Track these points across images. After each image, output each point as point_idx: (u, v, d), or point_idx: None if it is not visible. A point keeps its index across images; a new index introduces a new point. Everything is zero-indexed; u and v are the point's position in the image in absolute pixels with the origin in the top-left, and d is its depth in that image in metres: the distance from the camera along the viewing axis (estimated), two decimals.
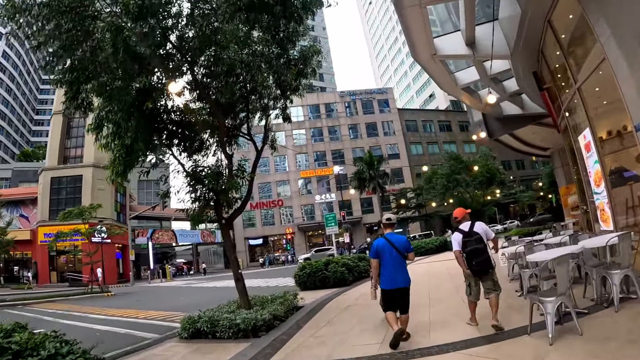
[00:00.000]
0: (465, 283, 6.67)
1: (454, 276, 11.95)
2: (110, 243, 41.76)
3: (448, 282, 12.02)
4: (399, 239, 6.31)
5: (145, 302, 20.35)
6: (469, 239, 6.34)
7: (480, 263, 6.23)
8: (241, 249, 57.79)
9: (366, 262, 17.14)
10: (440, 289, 11.20)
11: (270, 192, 60.43)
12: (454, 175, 34.20)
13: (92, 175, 44.07)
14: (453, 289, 10.44)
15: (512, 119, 18.23)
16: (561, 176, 26.30)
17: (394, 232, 6.46)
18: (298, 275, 15.18)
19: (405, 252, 6.20)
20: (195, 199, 9.50)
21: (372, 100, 66.15)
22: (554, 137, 22.77)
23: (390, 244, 6.15)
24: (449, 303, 9.01)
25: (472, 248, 6.26)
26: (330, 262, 15.02)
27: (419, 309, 8.20)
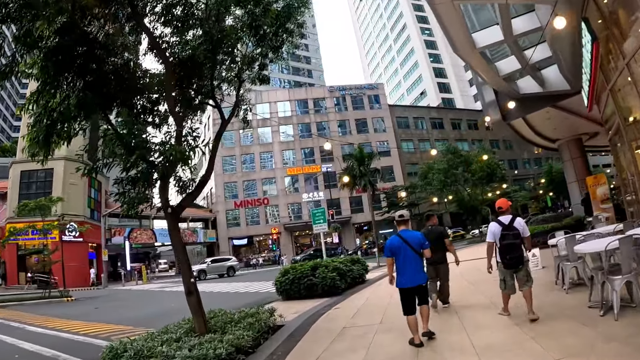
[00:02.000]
0: (500, 277, 6.56)
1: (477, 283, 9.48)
2: (83, 242, 38.83)
3: (474, 291, 9.56)
4: (413, 235, 6.07)
5: (104, 311, 17.86)
6: (507, 232, 6.26)
7: (513, 258, 6.24)
8: (225, 250, 55.35)
9: (360, 266, 14.60)
10: (471, 302, 8.59)
11: (256, 190, 57.68)
12: (452, 170, 31.65)
13: (64, 168, 40.79)
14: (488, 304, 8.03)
15: (529, 100, 15.95)
16: (570, 170, 24.54)
17: (408, 229, 6.19)
18: (279, 281, 12.58)
19: (420, 249, 5.96)
20: (131, 179, 6.79)
21: (363, 96, 63.80)
22: (568, 125, 20.81)
23: (404, 242, 5.93)
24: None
25: (509, 242, 6.23)
26: (319, 265, 12.41)
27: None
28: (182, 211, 7.71)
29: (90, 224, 40.55)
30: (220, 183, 57.11)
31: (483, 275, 8.27)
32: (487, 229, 6.76)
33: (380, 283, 13.74)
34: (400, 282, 5.88)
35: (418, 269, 5.90)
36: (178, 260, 7.66)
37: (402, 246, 5.90)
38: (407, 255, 5.87)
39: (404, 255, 5.88)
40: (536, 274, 8.88)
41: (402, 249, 5.90)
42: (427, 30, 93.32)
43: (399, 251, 5.91)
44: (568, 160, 24.67)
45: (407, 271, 5.83)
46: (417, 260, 5.90)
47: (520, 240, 6.25)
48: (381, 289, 12.18)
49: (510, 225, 6.26)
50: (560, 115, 18.49)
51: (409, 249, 5.87)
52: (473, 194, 33.19)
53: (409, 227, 6.23)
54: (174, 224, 7.47)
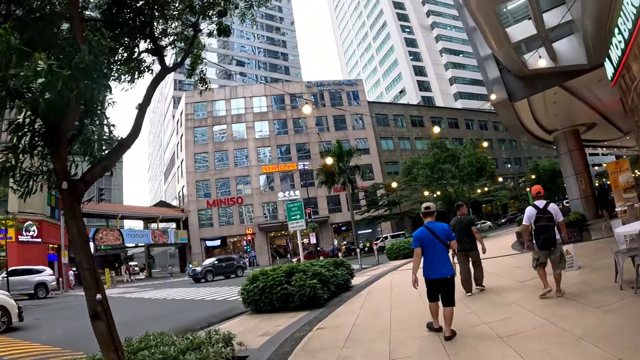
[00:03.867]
0: (534, 257, 7.06)
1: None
2: (42, 243, 35.48)
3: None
4: (440, 227, 6.00)
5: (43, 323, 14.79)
6: (541, 215, 6.77)
7: (547, 239, 6.75)
8: (197, 251, 52.23)
9: (345, 270, 12.20)
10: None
11: (229, 188, 54.72)
12: (438, 164, 29.45)
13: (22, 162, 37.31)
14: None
15: (538, 77, 13.80)
16: (567, 163, 23.00)
17: (434, 220, 6.10)
18: (246, 290, 10.08)
19: (447, 241, 5.95)
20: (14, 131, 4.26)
21: (341, 92, 61.60)
22: (568, 113, 19.10)
23: (431, 233, 5.88)
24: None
25: (543, 224, 6.76)
26: (295, 270, 9.93)
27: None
28: (86, 187, 5.14)
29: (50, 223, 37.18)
30: (192, 181, 54.10)
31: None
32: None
33: (370, 290, 11.41)
34: (426, 273, 5.90)
35: (444, 261, 5.85)
36: (79, 266, 5.07)
37: (430, 237, 5.87)
38: (435, 247, 5.85)
39: (431, 246, 5.85)
40: (577, 277, 8.04)
41: (429, 241, 5.86)
42: (407, 28, 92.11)
43: (427, 242, 5.86)
44: (565, 153, 23.01)
45: (434, 262, 5.82)
46: (443, 252, 5.89)
47: (553, 223, 6.77)
48: (375, 298, 9.95)
49: (544, 209, 6.80)
50: (566, 100, 16.62)
51: (437, 240, 5.86)
52: (460, 190, 31.13)
53: (434, 219, 6.12)
54: (72, 206, 4.90)
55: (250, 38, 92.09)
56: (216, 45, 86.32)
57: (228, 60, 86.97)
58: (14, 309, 11.74)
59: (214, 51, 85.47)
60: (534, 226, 6.83)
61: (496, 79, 14.44)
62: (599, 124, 23.98)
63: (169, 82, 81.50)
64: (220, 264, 31.42)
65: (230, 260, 33.31)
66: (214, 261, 31.93)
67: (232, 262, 32.64)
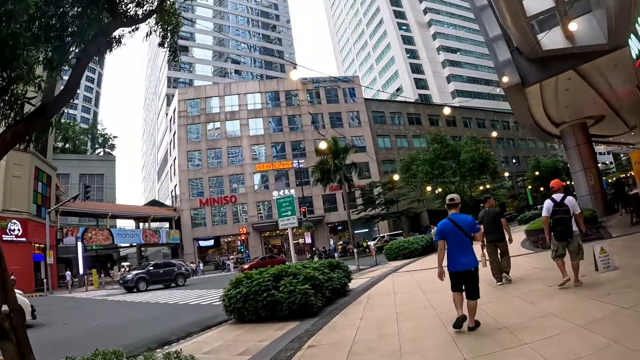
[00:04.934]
0: (552, 248, 7.33)
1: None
2: (27, 242, 34.02)
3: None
4: (463, 219, 5.88)
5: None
6: (558, 208, 7.05)
7: (562, 231, 7.03)
8: (190, 251, 50.92)
9: (341, 272, 10.93)
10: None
11: (223, 187, 53.30)
12: (439, 160, 28.11)
13: (7, 158, 35.79)
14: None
15: (553, 60, 12.60)
16: (575, 158, 22.03)
17: (458, 212, 6.01)
18: (228, 296, 8.77)
19: (471, 233, 5.79)
20: None
21: (337, 88, 60.27)
22: (578, 104, 18.08)
23: (455, 225, 5.78)
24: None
25: (559, 217, 7.03)
26: (284, 273, 8.64)
27: None
28: (26, 133, 3.89)
29: (36, 222, 35.73)
30: (185, 180, 52.72)
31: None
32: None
33: (371, 295, 10.09)
34: (450, 265, 5.79)
35: (468, 253, 5.72)
36: None
37: (453, 229, 5.79)
38: (458, 239, 5.76)
39: (454, 239, 5.77)
40: (619, 279, 6.95)
41: (452, 233, 5.78)
42: (404, 25, 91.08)
43: (450, 234, 5.79)
44: (573, 147, 21.93)
45: (457, 255, 5.73)
46: (467, 244, 5.76)
47: (569, 216, 6.99)
48: (377, 306, 8.63)
49: (561, 202, 7.05)
50: (578, 87, 15.49)
51: (460, 232, 5.75)
52: (461, 187, 29.87)
53: (458, 211, 6.06)
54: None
55: (246, 35, 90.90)
56: (211, 43, 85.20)
57: (224, 58, 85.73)
58: (27, 307, 11.70)
59: (209, 48, 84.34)
60: (551, 218, 7.17)
61: (507, 61, 13.22)
62: (607, 117, 22.93)
63: (162, 80, 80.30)
64: (157, 271, 27.24)
65: (169, 266, 29.04)
66: (148, 267, 27.82)
67: (172, 268, 28.58)
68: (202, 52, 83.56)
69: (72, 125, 73.35)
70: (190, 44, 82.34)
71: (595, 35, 11.93)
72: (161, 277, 27.23)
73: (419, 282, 10.85)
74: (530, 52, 12.50)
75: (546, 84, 14.20)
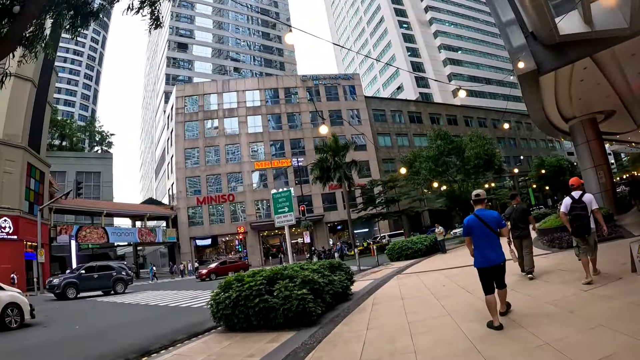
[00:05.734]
0: (574, 244, 7.56)
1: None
2: (18, 240, 33.10)
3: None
4: (489, 214, 5.87)
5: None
6: (576, 205, 7.24)
7: (579, 226, 7.18)
8: (186, 251, 49.92)
9: (343, 274, 10.01)
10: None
11: (220, 185, 52.32)
12: (443, 157, 27.08)
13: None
14: None
15: (570, 46, 11.71)
16: (585, 154, 21.23)
17: (484, 208, 6.02)
18: (216, 301, 7.79)
19: (497, 228, 5.75)
20: None
21: (337, 86, 59.36)
22: (589, 98, 17.21)
23: (480, 221, 5.76)
24: None
25: (577, 213, 7.20)
26: (280, 276, 7.70)
27: None
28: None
29: (28, 220, 34.81)
30: (182, 177, 51.78)
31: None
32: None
33: (376, 300, 9.11)
34: (477, 262, 5.76)
35: (495, 248, 5.68)
36: None
37: (479, 225, 5.74)
38: (484, 235, 5.71)
39: (481, 234, 5.72)
40: None
41: (478, 228, 5.74)
42: (405, 23, 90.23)
43: (476, 230, 5.75)
44: (583, 143, 21.08)
45: (484, 251, 5.69)
46: (493, 240, 5.71)
47: (587, 212, 7.14)
48: (384, 313, 7.65)
49: (579, 199, 7.26)
50: (593, 78, 14.68)
51: (486, 228, 5.70)
52: (465, 186, 28.85)
53: (484, 207, 6.03)
54: None
55: (245, 33, 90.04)
56: (211, 40, 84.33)
57: (223, 56, 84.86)
58: (26, 306, 11.81)
59: (208, 45, 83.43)
60: (569, 215, 7.35)
61: (521, 47, 12.30)
62: (617, 112, 22.11)
63: (161, 77, 79.47)
64: (90, 275, 23.05)
65: (106, 270, 24.34)
66: (80, 271, 23.39)
67: (110, 272, 24.19)
68: (202, 50, 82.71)
69: (69, 122, 72.39)
70: (189, 41, 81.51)
71: (615, 19, 11.08)
72: (96, 282, 23.43)
73: (428, 285, 9.91)
74: (547, 36, 11.60)
75: (561, 73, 13.32)
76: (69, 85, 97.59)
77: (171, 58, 78.22)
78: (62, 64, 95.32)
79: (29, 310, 11.83)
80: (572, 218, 7.27)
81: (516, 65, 11.81)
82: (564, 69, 13.10)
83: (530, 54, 12.05)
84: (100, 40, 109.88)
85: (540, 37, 11.90)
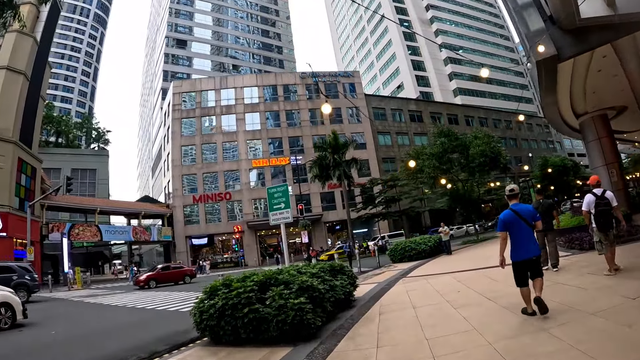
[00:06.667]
0: (595, 240, 7.77)
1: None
2: (7, 237, 32.11)
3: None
4: (525, 208, 5.97)
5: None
6: (600, 201, 7.49)
7: (605, 222, 7.46)
8: (182, 250, 48.84)
9: (345, 278, 8.97)
10: None
11: (217, 183, 51.25)
12: (447, 155, 25.94)
13: None
14: None
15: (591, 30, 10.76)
16: (596, 152, 20.28)
17: (519, 202, 6.08)
18: (200, 309, 6.72)
19: (533, 222, 5.86)
20: None
21: (337, 83, 58.34)
22: (608, 89, 16.32)
23: (517, 215, 5.86)
24: None
25: (602, 209, 7.46)
26: (274, 281, 6.66)
27: None
28: None
29: (18, 216, 33.80)
30: (178, 175, 50.71)
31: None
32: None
33: (383, 308, 8.02)
34: (514, 255, 5.84)
35: (531, 241, 5.84)
36: None
37: (516, 220, 5.83)
38: (521, 228, 5.80)
39: (517, 228, 5.81)
40: None
41: (516, 223, 5.83)
42: (406, 22, 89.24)
43: (514, 225, 5.84)
44: (594, 140, 20.13)
45: (521, 244, 5.78)
46: (529, 233, 5.84)
47: (610, 208, 7.47)
48: (396, 325, 6.57)
49: (602, 196, 7.51)
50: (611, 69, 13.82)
51: (522, 222, 5.80)
52: (469, 185, 27.74)
53: (518, 201, 6.10)
54: None
55: (244, 30, 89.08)
56: (210, 37, 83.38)
57: (223, 53, 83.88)
58: (18, 306, 11.58)
59: (207, 42, 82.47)
60: (593, 211, 7.58)
61: (540, 31, 11.28)
62: (629, 108, 21.19)
63: (158, 74, 78.41)
64: None
65: (4, 271, 19.79)
66: None
67: (10, 275, 19.63)
68: (201, 47, 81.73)
69: (65, 118, 71.29)
70: (188, 38, 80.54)
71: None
72: None
73: (440, 291, 8.86)
74: (567, 20, 10.63)
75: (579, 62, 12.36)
76: (66, 82, 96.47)
77: (169, 55, 77.21)
78: (60, 60, 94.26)
79: (21, 310, 11.56)
80: (598, 214, 7.49)
81: (536, 48, 10.84)
82: (583, 57, 12.16)
83: (550, 39, 11.08)
84: (98, 36, 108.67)
85: (560, 21, 10.93)
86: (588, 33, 11.15)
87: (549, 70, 11.89)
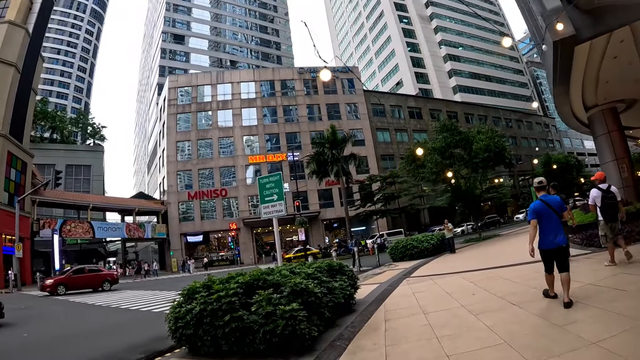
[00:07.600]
0: (601, 234, 8.28)
1: None
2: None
3: None
4: (553, 199, 6.20)
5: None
6: (607, 194, 7.98)
7: (613, 214, 7.95)
8: (177, 247, 47.93)
9: (345, 279, 8.00)
10: None
11: (213, 179, 50.26)
12: (450, 150, 24.94)
13: None
14: None
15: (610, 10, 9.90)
16: (606, 146, 19.51)
17: (547, 194, 6.36)
18: (175, 316, 5.73)
19: (561, 212, 6.11)
20: None
21: (335, 79, 57.25)
22: (621, 79, 15.53)
23: (547, 206, 6.07)
24: None
25: (609, 202, 7.94)
26: (263, 283, 5.69)
27: None
28: None
29: (7, 212, 32.81)
30: (173, 171, 49.70)
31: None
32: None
33: (388, 314, 7.05)
34: (542, 243, 6.06)
35: (559, 231, 5.99)
36: None
37: (546, 210, 6.03)
38: (550, 218, 6.01)
39: (547, 218, 6.02)
40: None
41: (545, 213, 6.03)
42: (405, 18, 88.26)
43: (544, 214, 6.03)
44: (603, 134, 19.38)
45: (549, 233, 5.97)
46: (558, 223, 6.03)
47: (616, 201, 7.95)
48: (405, 337, 5.52)
49: (607, 190, 8.01)
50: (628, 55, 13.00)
51: (552, 212, 6.01)
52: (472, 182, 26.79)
53: (547, 192, 6.40)
54: None
55: (242, 26, 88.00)
56: (208, 32, 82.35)
57: (221, 49, 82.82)
58: None
59: (205, 38, 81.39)
60: (600, 204, 8.01)
61: (557, 9, 10.33)
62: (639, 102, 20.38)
63: (155, 69, 77.29)
64: None
65: None
66: None
67: None
68: (198, 42, 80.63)
69: (60, 114, 70.06)
70: (186, 33, 79.45)
71: None
72: None
73: (452, 294, 7.89)
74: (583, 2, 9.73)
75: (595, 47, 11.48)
76: (62, 78, 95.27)
77: (167, 50, 76.10)
78: (55, 56, 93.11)
79: None
80: (606, 206, 7.93)
81: (554, 27, 9.94)
82: (600, 41, 11.28)
83: (568, 18, 10.16)
84: (95, 32, 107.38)
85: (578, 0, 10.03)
86: (606, 13, 10.29)
87: (566, 53, 10.97)
